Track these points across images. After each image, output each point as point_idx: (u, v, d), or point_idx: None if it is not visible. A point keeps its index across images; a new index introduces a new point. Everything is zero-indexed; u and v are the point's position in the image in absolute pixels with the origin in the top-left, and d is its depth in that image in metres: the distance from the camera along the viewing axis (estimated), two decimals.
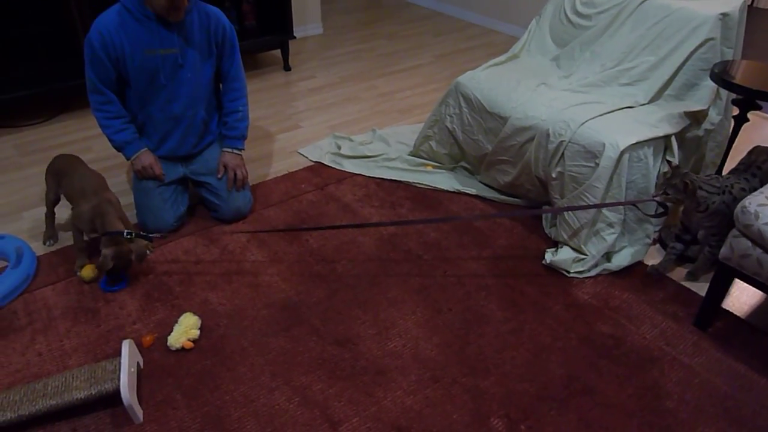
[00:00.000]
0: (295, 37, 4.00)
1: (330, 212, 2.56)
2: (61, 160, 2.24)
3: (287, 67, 4.01)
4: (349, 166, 2.85)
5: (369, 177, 2.80)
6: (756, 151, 2.14)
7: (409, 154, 2.91)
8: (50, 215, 2.30)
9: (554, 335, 1.99)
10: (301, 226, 2.46)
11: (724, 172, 2.40)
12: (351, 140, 3.07)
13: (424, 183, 2.73)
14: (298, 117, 3.40)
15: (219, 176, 2.39)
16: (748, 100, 2.06)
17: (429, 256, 2.32)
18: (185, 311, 2.00)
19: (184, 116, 2.29)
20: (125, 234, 1.99)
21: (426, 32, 4.84)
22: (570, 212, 2.24)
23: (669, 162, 2.18)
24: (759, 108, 2.08)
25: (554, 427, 1.69)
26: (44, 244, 2.31)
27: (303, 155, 2.98)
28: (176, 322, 1.93)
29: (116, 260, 1.98)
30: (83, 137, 3.08)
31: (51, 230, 2.32)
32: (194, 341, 1.90)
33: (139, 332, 1.95)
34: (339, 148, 2.99)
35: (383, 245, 2.37)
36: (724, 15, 2.29)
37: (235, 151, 2.44)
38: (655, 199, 2.06)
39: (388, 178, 2.77)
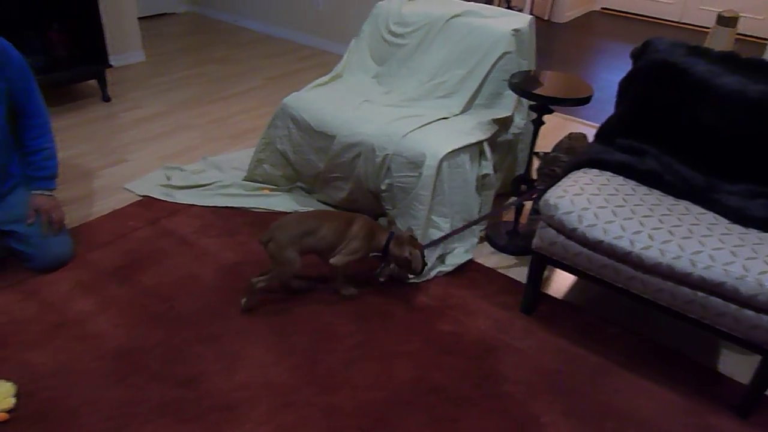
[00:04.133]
0: (112, 66, 3.77)
1: (165, 247, 2.43)
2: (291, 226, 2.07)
3: (106, 98, 3.76)
4: (182, 197, 2.74)
5: (204, 206, 2.71)
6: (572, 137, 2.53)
7: (244, 179, 2.86)
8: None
9: (399, 341, 2.06)
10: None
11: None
12: (182, 170, 2.95)
13: (262, 207, 2.70)
14: (123, 150, 3.20)
15: (29, 221, 2.17)
16: (542, 106, 2.31)
17: None
18: None
19: None
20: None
21: (257, 55, 4.81)
22: (402, 218, 2.35)
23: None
24: (552, 112, 2.34)
25: (406, 430, 1.75)
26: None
27: (130, 190, 2.80)
28: None
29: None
30: None
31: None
32: (9, 411, 1.69)
33: None
34: (169, 179, 2.86)
35: (225, 275, 2.30)
36: (516, 30, 2.55)
37: (47, 193, 2.23)
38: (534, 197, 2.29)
39: (224, 205, 2.71)
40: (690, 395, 1.94)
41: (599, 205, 1.92)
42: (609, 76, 4.85)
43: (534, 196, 2.40)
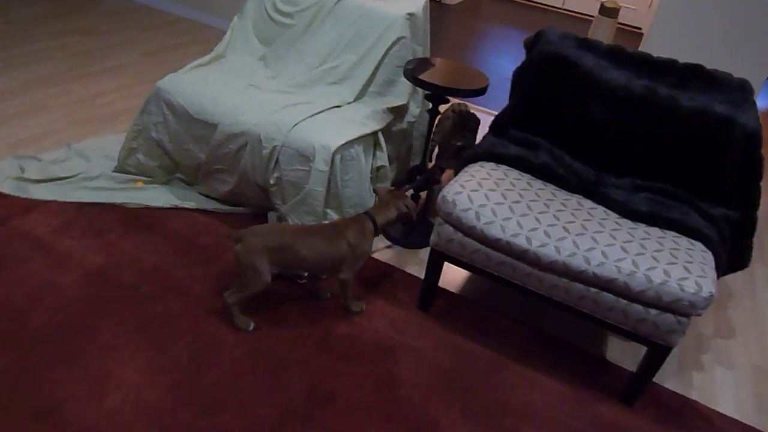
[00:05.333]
0: None
1: (17, 252, 2.11)
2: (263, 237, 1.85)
3: None
4: (39, 192, 2.39)
5: (66, 202, 2.38)
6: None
7: (114, 170, 2.55)
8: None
9: (292, 347, 1.93)
10: None
11: (432, 159, 2.60)
12: (39, 160, 2.58)
13: (134, 202, 2.42)
14: None
15: None
16: (438, 96, 2.23)
17: (148, 286, 2.06)
18: None
19: None
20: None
21: (130, 26, 4.36)
22: (294, 215, 2.19)
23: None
24: (448, 102, 2.27)
25: None
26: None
27: None
28: None
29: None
30: None
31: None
32: None
33: None
34: (23, 170, 2.49)
35: (90, 282, 2.03)
36: (411, 15, 2.45)
37: None
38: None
39: (90, 200, 2.40)
40: (580, 385, 1.98)
41: (497, 201, 1.88)
42: (498, 60, 4.92)
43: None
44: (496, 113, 3.55)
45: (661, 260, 1.74)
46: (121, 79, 3.55)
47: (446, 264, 2.41)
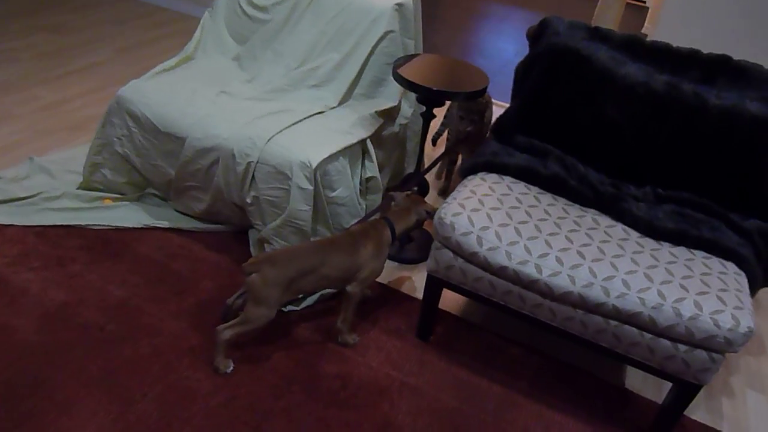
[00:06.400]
0: None
1: None
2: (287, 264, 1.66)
3: None
4: None
5: (26, 226, 2.16)
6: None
7: (79, 188, 2.32)
8: None
9: (276, 393, 1.72)
10: None
11: (427, 163, 2.37)
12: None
13: (102, 224, 2.19)
14: None
15: None
16: (431, 98, 1.98)
17: (113, 325, 1.85)
18: None
19: None
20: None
21: (104, 21, 4.09)
22: (279, 238, 1.97)
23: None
24: (443, 104, 2.03)
25: None
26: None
27: None
28: None
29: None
30: None
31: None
32: None
33: None
34: None
35: (48, 324, 1.82)
36: (399, 5, 2.19)
37: None
38: None
39: (53, 223, 2.17)
40: (601, 424, 1.77)
41: (501, 223, 1.65)
42: (499, 42, 4.64)
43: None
44: (498, 102, 3.28)
45: (690, 289, 1.51)
46: (93, 80, 3.30)
47: None
